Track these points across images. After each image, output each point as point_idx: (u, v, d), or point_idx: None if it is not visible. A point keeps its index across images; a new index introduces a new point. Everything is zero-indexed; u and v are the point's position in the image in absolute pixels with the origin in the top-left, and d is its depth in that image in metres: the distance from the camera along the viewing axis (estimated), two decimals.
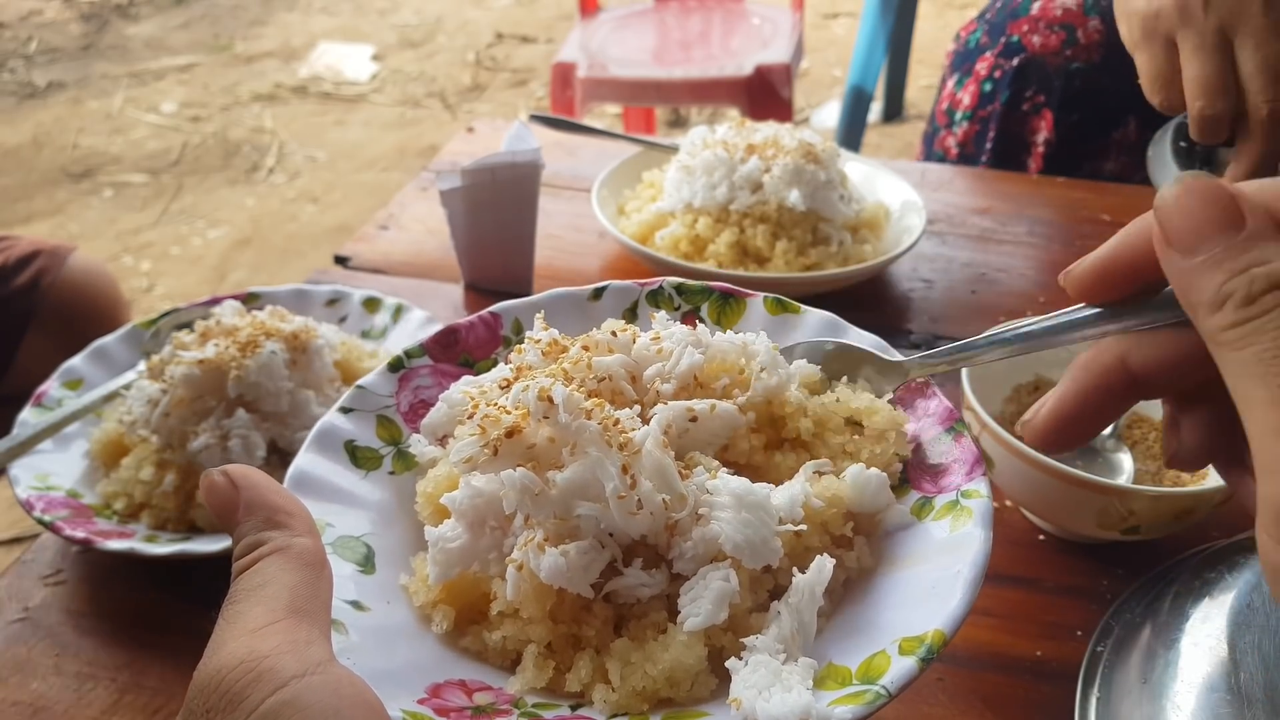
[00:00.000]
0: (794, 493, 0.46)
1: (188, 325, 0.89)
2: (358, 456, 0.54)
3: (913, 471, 0.51)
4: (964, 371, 0.77)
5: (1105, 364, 0.40)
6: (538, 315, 0.56)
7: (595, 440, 0.44)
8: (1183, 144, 0.99)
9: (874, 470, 0.48)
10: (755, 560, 0.44)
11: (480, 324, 0.60)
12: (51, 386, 0.89)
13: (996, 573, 0.75)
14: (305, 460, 0.52)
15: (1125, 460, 0.79)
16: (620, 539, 0.45)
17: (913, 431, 0.52)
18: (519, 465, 0.45)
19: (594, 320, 0.59)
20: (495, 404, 0.47)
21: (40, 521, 0.75)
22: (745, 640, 0.43)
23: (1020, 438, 0.74)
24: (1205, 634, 0.58)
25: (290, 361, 0.82)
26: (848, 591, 0.47)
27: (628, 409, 0.48)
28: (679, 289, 0.61)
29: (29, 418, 0.85)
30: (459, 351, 0.60)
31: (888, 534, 0.49)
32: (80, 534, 0.74)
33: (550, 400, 0.45)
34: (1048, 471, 0.69)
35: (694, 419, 0.48)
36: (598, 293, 0.61)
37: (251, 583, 0.38)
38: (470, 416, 0.47)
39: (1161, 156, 1.00)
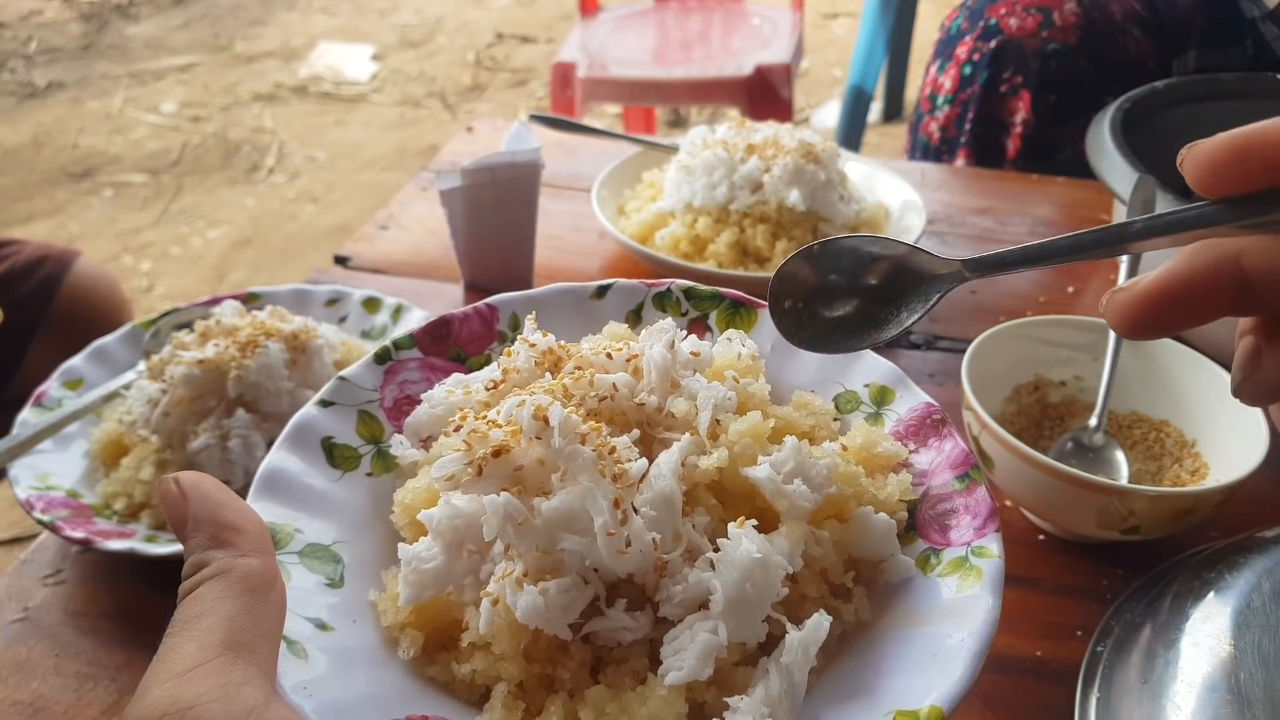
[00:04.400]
0: (795, 539, 0.43)
1: (188, 325, 0.89)
2: (335, 455, 0.50)
3: (920, 519, 0.47)
4: (964, 370, 0.77)
5: (1219, 254, 0.35)
6: (529, 316, 0.53)
7: (588, 469, 0.41)
8: (1122, 136, 1.00)
9: (882, 515, 0.45)
10: (737, 633, 0.40)
11: (475, 316, 0.57)
12: (51, 386, 0.89)
13: None
14: (278, 458, 0.48)
15: (1124, 460, 0.79)
16: (605, 576, 0.42)
17: (923, 469, 0.49)
18: (504, 488, 0.42)
19: (595, 320, 0.56)
20: (484, 417, 0.44)
21: (40, 521, 0.75)
22: (729, 700, 0.39)
23: (1017, 438, 0.74)
24: (1205, 634, 0.58)
25: (290, 361, 0.82)
26: (842, 647, 0.44)
27: (625, 436, 0.44)
28: (687, 293, 0.57)
29: (29, 418, 0.85)
30: (451, 345, 0.56)
31: (889, 585, 0.46)
32: (80, 534, 0.74)
33: (546, 421, 0.42)
34: (1048, 471, 0.69)
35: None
36: (601, 290, 0.57)
37: (189, 613, 0.35)
38: (457, 429, 0.44)
39: (1100, 142, 1.01)
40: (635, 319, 0.57)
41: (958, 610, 0.41)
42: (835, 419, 0.52)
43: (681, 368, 0.48)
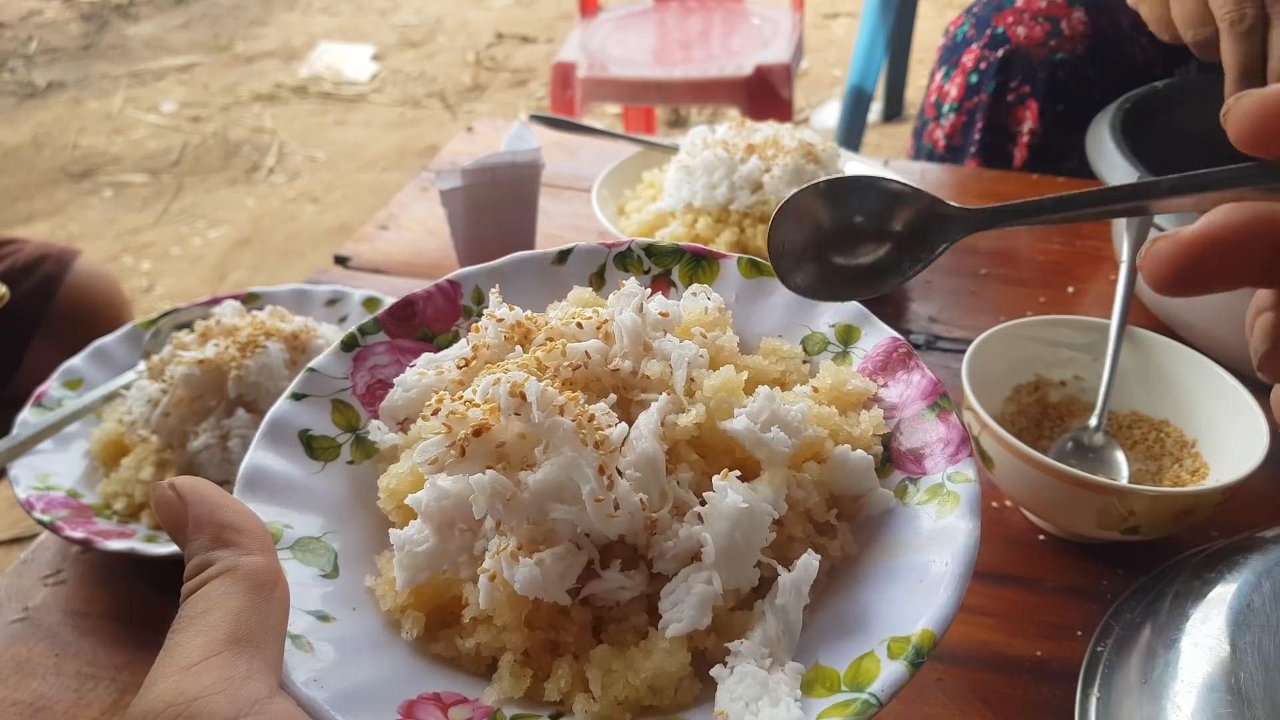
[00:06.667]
0: (777, 485, 0.44)
1: (188, 325, 0.89)
2: (314, 447, 0.50)
3: (895, 450, 0.48)
4: (964, 370, 0.77)
5: (1260, 211, 0.34)
6: (493, 290, 0.53)
7: (569, 439, 0.42)
8: (1122, 135, 1.00)
9: (860, 452, 0.46)
10: (730, 581, 0.42)
11: (438, 293, 0.57)
12: (51, 386, 0.89)
13: (996, 572, 0.75)
14: (258, 456, 0.48)
15: (1124, 460, 0.79)
16: (597, 539, 0.43)
17: (894, 402, 0.49)
18: (488, 466, 0.42)
19: (559, 285, 0.56)
20: (460, 397, 0.44)
21: (40, 521, 0.75)
22: (730, 645, 0.41)
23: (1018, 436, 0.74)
24: (1205, 634, 0.58)
25: (290, 362, 0.82)
26: (831, 582, 0.45)
27: (602, 402, 0.45)
28: (648, 250, 0.57)
29: (29, 418, 0.85)
30: (417, 325, 0.56)
31: (870, 518, 0.47)
32: (80, 534, 0.74)
33: (523, 397, 0.42)
34: (1048, 471, 0.69)
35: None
36: (562, 256, 0.57)
37: (194, 609, 0.35)
38: (435, 412, 0.44)
39: (1100, 142, 1.01)
40: (599, 281, 0.57)
41: (939, 537, 0.43)
42: (804, 361, 0.53)
43: (652, 329, 0.49)
